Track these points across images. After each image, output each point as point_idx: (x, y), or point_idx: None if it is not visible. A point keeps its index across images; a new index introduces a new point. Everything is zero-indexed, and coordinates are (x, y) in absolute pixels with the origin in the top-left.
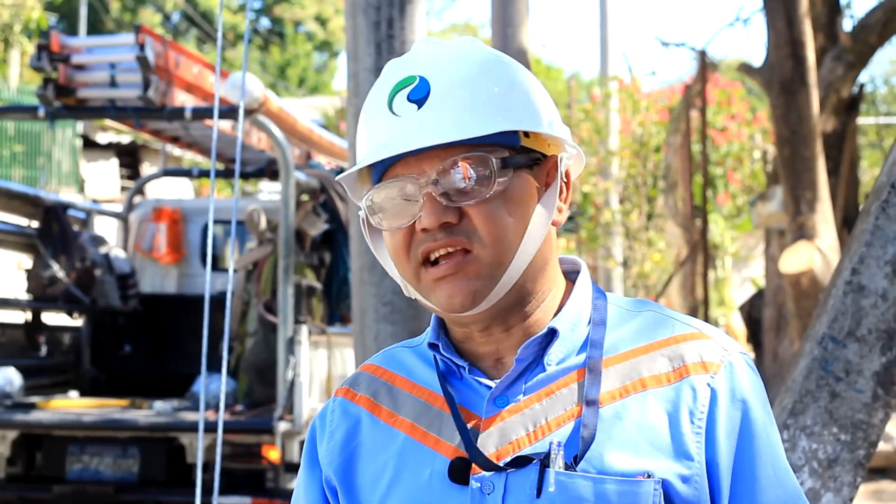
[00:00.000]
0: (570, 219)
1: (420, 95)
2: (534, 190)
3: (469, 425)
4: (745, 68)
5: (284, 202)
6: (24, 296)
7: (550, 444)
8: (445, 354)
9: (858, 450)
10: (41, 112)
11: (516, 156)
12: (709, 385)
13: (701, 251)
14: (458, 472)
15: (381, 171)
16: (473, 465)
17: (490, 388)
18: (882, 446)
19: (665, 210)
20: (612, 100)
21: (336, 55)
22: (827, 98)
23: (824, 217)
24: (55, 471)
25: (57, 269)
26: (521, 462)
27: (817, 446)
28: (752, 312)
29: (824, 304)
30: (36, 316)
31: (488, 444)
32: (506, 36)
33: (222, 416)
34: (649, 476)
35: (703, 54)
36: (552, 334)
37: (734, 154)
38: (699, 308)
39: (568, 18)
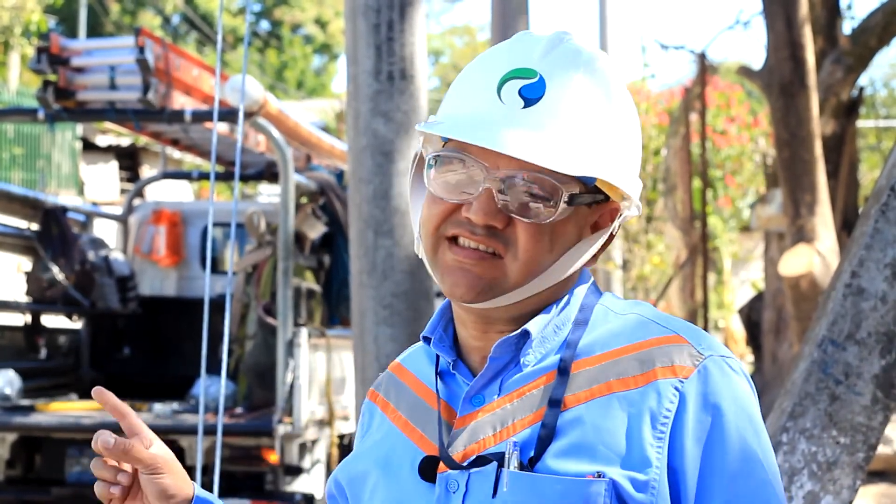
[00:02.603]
0: None
1: (532, 95)
2: (583, 227)
3: (448, 423)
4: (745, 71)
5: (284, 205)
6: (24, 298)
7: (507, 444)
8: (434, 348)
9: (858, 453)
10: (41, 114)
11: (585, 194)
12: (677, 389)
13: (700, 254)
14: (427, 470)
15: None
16: (441, 462)
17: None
18: (881, 449)
19: (664, 213)
20: None
21: (336, 58)
22: (826, 101)
23: (824, 220)
24: (54, 473)
25: (56, 272)
26: (481, 462)
27: (817, 449)
28: (751, 315)
29: (824, 307)
30: (35, 318)
31: (458, 442)
32: (505, 38)
33: (222, 419)
34: (600, 476)
35: (702, 57)
36: (526, 335)
37: (734, 157)
38: (698, 311)
39: (567, 21)
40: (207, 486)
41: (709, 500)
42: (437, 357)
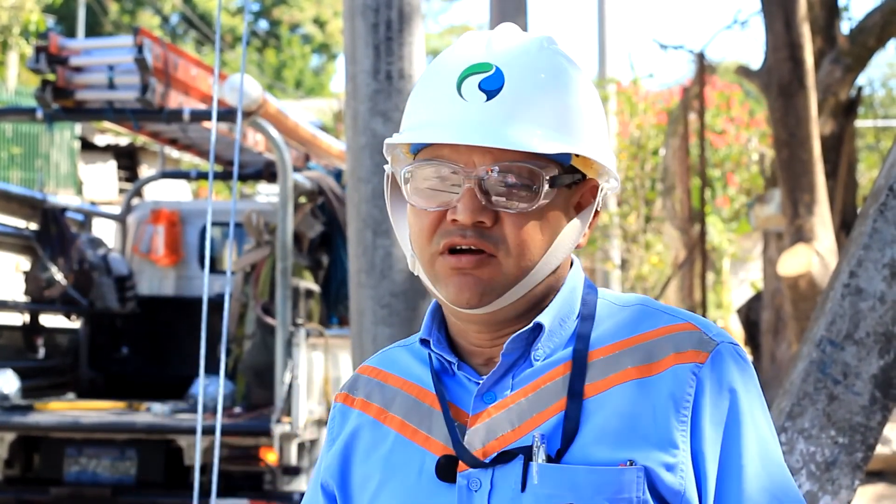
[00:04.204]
0: None
1: (492, 87)
2: (568, 209)
3: (458, 422)
4: (744, 71)
5: (282, 204)
6: (22, 298)
7: (533, 437)
8: (436, 350)
9: (856, 452)
10: (39, 114)
11: (563, 175)
12: (694, 374)
13: (699, 254)
14: (446, 470)
15: (423, 144)
16: (460, 462)
17: (478, 384)
18: (880, 449)
19: (663, 213)
20: (610, 102)
21: (334, 57)
22: (825, 101)
23: (822, 220)
24: (53, 473)
25: (55, 271)
26: (505, 457)
27: (815, 449)
28: (750, 315)
29: (822, 307)
30: (34, 318)
31: (475, 440)
32: None
33: (220, 419)
34: (632, 463)
35: (701, 57)
36: (538, 329)
37: (733, 157)
38: (697, 310)
39: (566, 21)
40: (206, 485)
41: (731, 481)
42: (430, 358)
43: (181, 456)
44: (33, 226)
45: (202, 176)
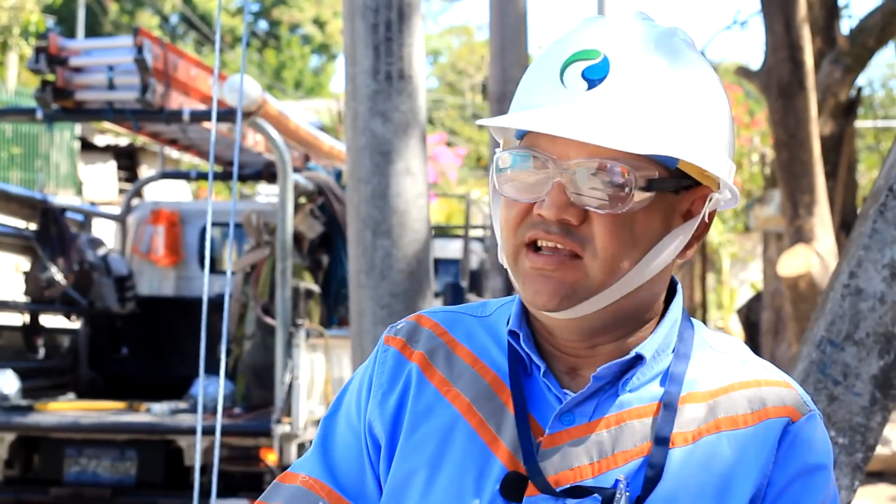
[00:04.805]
0: None
1: (596, 76)
2: (671, 217)
3: (535, 437)
4: (743, 72)
5: (282, 205)
6: (22, 298)
7: (617, 481)
8: (525, 348)
9: (856, 453)
10: (39, 114)
11: (667, 179)
12: (787, 429)
13: (699, 254)
14: (513, 489)
15: (525, 131)
16: (530, 483)
17: (560, 399)
18: (880, 450)
19: None
20: None
21: (334, 58)
22: (825, 101)
23: (822, 220)
24: (53, 473)
25: (55, 272)
26: (579, 492)
27: None
28: (750, 315)
29: (822, 308)
30: (34, 318)
31: (548, 465)
32: (503, 38)
33: (220, 419)
34: None
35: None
36: (638, 360)
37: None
38: (697, 311)
39: (566, 20)
40: (206, 486)
41: None
42: (509, 348)
43: (181, 456)
44: (33, 226)
45: (202, 176)
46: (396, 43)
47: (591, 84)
